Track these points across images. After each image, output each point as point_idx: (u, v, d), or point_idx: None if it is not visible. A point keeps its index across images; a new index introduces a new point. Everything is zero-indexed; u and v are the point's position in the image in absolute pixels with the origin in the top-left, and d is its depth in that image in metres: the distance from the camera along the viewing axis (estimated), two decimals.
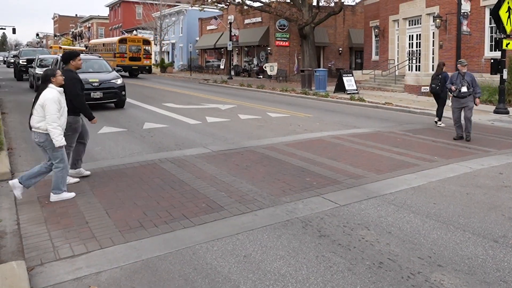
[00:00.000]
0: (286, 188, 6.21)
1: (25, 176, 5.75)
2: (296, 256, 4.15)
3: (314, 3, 30.59)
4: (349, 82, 21.21)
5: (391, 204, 5.58)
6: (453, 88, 9.96)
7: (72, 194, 5.87)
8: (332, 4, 31.59)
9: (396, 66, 24.75)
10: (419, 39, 24.20)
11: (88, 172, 6.89)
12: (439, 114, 12.07)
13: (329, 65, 35.22)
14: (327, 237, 4.57)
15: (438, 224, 4.92)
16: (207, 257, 4.16)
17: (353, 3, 35.50)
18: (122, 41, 35.45)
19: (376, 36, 28.96)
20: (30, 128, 5.87)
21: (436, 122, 12.13)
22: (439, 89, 11.62)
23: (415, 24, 24.66)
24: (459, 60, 10.54)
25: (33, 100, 5.84)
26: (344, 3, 31.95)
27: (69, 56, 7.06)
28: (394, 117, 13.73)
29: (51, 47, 40.13)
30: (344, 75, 21.63)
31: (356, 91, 20.93)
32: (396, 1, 25.70)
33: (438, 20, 21.72)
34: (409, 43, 25.21)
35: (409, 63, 25.01)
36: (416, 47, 24.61)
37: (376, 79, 25.42)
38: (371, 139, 9.76)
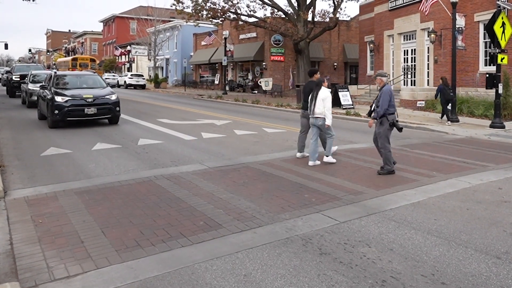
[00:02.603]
0: (284, 205, 6.18)
1: (327, 151, 9.08)
2: (297, 275, 4.11)
3: (309, 19, 30.93)
4: (344, 97, 21.35)
5: (392, 220, 5.57)
6: (371, 105, 8.60)
7: (334, 160, 8.97)
8: (327, 20, 31.98)
9: (392, 81, 24.96)
10: (414, 54, 24.49)
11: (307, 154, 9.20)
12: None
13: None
14: (328, 255, 4.54)
15: (440, 240, 4.90)
16: (206, 276, 4.11)
17: (348, 19, 35.94)
18: (74, 59, 44.31)
19: (371, 51, 29.27)
20: (312, 114, 8.90)
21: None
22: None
23: (410, 39, 24.97)
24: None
25: (310, 97, 8.97)
26: (339, 19, 32.34)
27: (314, 71, 9.94)
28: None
29: (74, 59, 42.41)
30: (339, 90, 21.77)
31: (352, 106, 21.05)
32: (391, 16, 26.06)
33: (432, 35, 22.02)
34: (404, 58, 25.50)
35: (404, 78, 25.26)
36: (411, 62, 24.88)
37: (372, 94, 25.59)
38: (368, 155, 9.78)
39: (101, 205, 6.21)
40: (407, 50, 25.27)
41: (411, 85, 24.45)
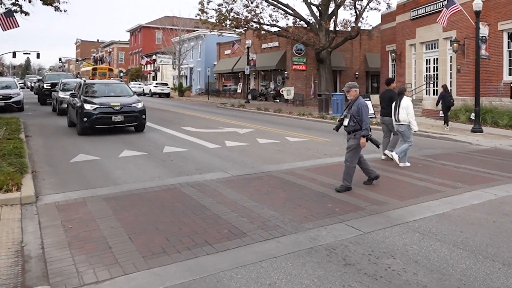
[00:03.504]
0: (308, 214, 6.14)
1: (399, 151, 9.49)
2: (321, 286, 4.06)
3: (331, 28, 30.85)
4: None
5: (416, 232, 5.46)
6: (338, 118, 7.87)
7: (408, 164, 9.44)
8: (349, 29, 31.85)
9: (414, 91, 24.65)
10: (437, 63, 24.14)
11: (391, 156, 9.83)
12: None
13: None
14: (353, 266, 4.48)
15: (466, 253, 4.79)
16: (231, 285, 4.10)
17: (370, 28, 35.69)
18: (94, 69, 46.17)
19: (392, 60, 28.97)
20: (397, 121, 9.61)
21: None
22: None
23: (432, 48, 24.64)
24: (346, 84, 8.02)
25: (394, 105, 9.67)
26: (361, 28, 32.17)
27: (391, 80, 10.60)
28: (414, 142, 13.56)
29: (94, 69, 44.10)
30: None
31: (374, 115, 20.82)
32: (413, 25, 25.78)
33: (455, 44, 21.66)
34: (426, 67, 25.15)
35: (426, 87, 24.89)
36: (434, 71, 24.53)
37: None
38: (391, 165, 9.64)
39: (128, 211, 6.28)
40: (429, 59, 24.93)
41: (433, 94, 24.06)
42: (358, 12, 30.96)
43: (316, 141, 13.54)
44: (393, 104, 9.75)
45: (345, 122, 7.63)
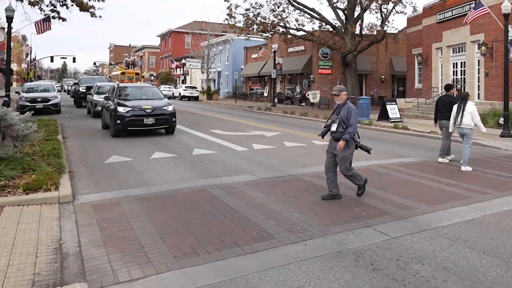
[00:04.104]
0: (335, 218, 6.08)
1: (464, 160, 9.57)
2: None
3: (357, 32, 30.53)
4: (392, 110, 20.85)
5: (445, 238, 5.34)
6: (324, 124, 7.30)
7: (470, 169, 9.48)
8: (375, 32, 31.45)
9: (440, 94, 24.13)
10: (464, 67, 23.61)
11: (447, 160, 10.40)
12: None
13: (372, 93, 34.83)
14: (381, 271, 4.41)
15: (497, 261, 4.65)
16: (260, 286, 4.10)
17: (396, 31, 35.16)
18: (123, 73, 47.94)
19: (419, 64, 28.49)
20: (460, 125, 9.76)
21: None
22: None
23: (459, 52, 24.12)
24: (334, 87, 7.40)
25: (457, 109, 9.78)
26: (387, 31, 31.72)
27: (451, 86, 11.28)
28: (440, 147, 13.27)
29: (123, 73, 45.27)
30: (387, 103, 21.30)
31: (400, 119, 20.51)
32: (439, 28, 25.30)
33: (483, 48, 21.15)
34: (453, 71, 24.62)
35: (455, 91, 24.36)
36: (461, 75, 23.98)
37: (420, 107, 24.85)
38: (418, 169, 9.47)
39: (160, 212, 6.36)
40: (457, 63, 24.40)
41: None
42: (384, 16, 30.54)
43: None
44: (455, 109, 9.86)
45: (333, 128, 7.03)
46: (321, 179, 8.38)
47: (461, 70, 23.96)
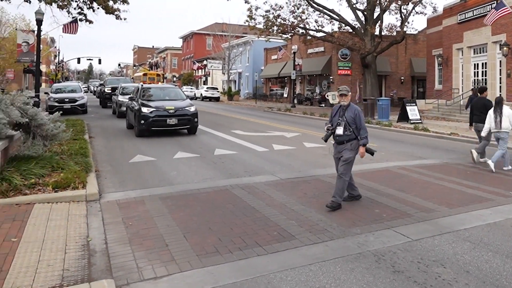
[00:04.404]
0: (355, 219, 6.03)
1: (494, 158, 9.43)
2: None
3: (377, 33, 30.20)
4: (412, 112, 20.54)
5: (467, 241, 5.24)
6: (325, 128, 6.89)
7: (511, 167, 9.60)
8: (394, 33, 31.06)
9: (461, 96, 23.69)
10: (485, 68, 23.10)
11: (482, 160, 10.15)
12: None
13: (391, 94, 34.38)
14: (402, 273, 4.35)
15: None
16: (281, 286, 4.10)
17: (415, 32, 34.62)
18: (145, 74, 47.70)
19: (439, 65, 28.02)
20: (500, 130, 9.65)
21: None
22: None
23: (480, 53, 23.61)
24: (338, 88, 7.12)
25: (494, 113, 9.71)
26: (406, 32, 31.27)
27: (484, 89, 11.20)
28: (461, 149, 13.05)
29: (145, 74, 45.94)
30: (407, 104, 20.99)
31: (420, 121, 20.19)
32: (460, 29, 24.81)
33: (505, 48, 20.65)
34: (474, 72, 24.12)
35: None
36: (482, 76, 23.47)
37: (440, 109, 24.43)
38: (439, 171, 9.31)
39: (183, 211, 6.41)
40: (478, 64, 23.89)
41: None
42: (403, 17, 30.13)
43: None
44: (492, 114, 9.82)
45: (339, 131, 6.61)
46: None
47: (482, 71, 23.46)
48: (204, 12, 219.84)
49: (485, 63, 23.06)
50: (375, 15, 30.14)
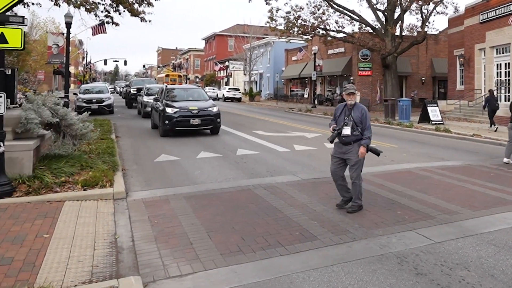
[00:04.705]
0: (377, 220, 5.95)
1: None
2: None
3: (397, 33, 29.74)
4: (433, 113, 20.16)
5: (491, 244, 5.11)
6: (330, 128, 6.47)
7: None
8: (415, 34, 30.54)
9: (483, 96, 23.11)
10: (508, 68, 22.50)
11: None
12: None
13: (412, 95, 33.82)
14: (425, 276, 4.28)
15: None
16: (304, 287, 4.08)
17: (437, 32, 33.95)
18: (167, 75, 48.73)
19: (460, 65, 27.42)
20: None
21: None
22: None
23: (503, 53, 23.00)
24: (344, 86, 6.81)
25: None
26: (427, 32, 30.70)
27: None
28: (484, 150, 12.75)
29: (167, 75, 46.59)
30: (428, 105, 20.62)
31: (441, 122, 19.81)
32: (482, 29, 24.22)
33: None
34: (497, 72, 23.51)
35: (497, 93, 23.27)
36: (505, 76, 22.87)
37: (462, 110, 23.91)
38: (461, 173, 9.11)
39: (206, 210, 6.44)
40: (500, 64, 23.28)
41: (505, 100, 22.43)
42: (424, 17, 29.59)
43: (383, 147, 13.07)
44: None
45: (346, 131, 6.25)
46: (363, 181, 8.20)
47: (506, 72, 22.85)
48: (226, 13, 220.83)
49: (508, 63, 22.46)
50: (396, 15, 29.70)
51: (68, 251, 4.77)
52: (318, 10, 31.05)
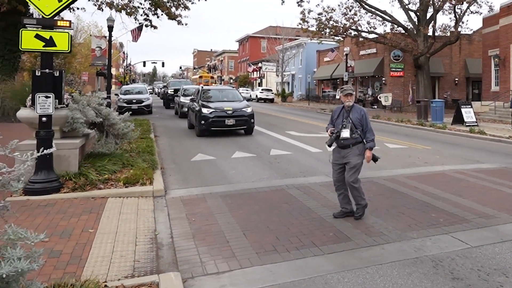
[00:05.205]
0: (411, 223, 5.80)
1: None
2: None
3: (430, 33, 28.89)
4: (467, 114, 19.46)
5: None
6: (328, 132, 6.06)
7: None
8: (448, 34, 29.59)
9: None
10: None
11: None
12: None
13: (445, 96, 32.77)
14: (461, 281, 4.13)
15: None
16: None
17: (470, 32, 32.77)
18: (200, 77, 50.24)
19: (495, 66, 26.38)
20: None
21: None
22: None
23: None
24: (341, 87, 6.34)
25: None
26: (461, 32, 29.67)
27: None
28: None
29: (200, 77, 47.43)
30: (462, 106, 19.92)
31: (476, 123, 19.10)
32: None
33: None
34: None
35: None
36: None
37: (497, 111, 22.98)
38: (497, 176, 8.75)
39: (242, 209, 6.45)
40: None
41: None
42: (457, 16, 28.63)
43: (415, 148, 12.77)
44: None
45: (345, 134, 5.85)
46: (396, 183, 8.06)
47: None
48: (259, 15, 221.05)
49: None
50: (428, 15, 28.89)
51: (112, 246, 4.89)
52: (350, 11, 30.64)
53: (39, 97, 6.64)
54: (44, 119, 6.72)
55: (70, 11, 24.73)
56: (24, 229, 2.85)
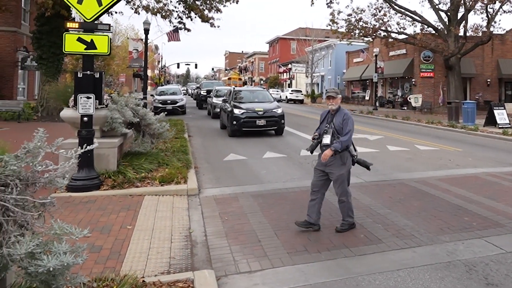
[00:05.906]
0: (443, 226, 5.62)
1: None
2: None
3: (461, 33, 27.91)
4: (500, 116, 18.71)
5: None
6: (312, 136, 5.68)
7: None
8: (480, 34, 28.50)
9: None
10: None
11: None
12: None
13: (476, 97, 31.61)
14: (496, 286, 3.97)
15: None
16: None
17: (503, 32, 31.43)
18: (229, 78, 52.39)
19: None
20: None
21: None
22: None
23: None
24: (326, 90, 5.70)
25: None
26: (493, 32, 28.51)
27: None
28: None
29: (229, 78, 47.88)
30: (495, 107, 19.18)
31: (509, 125, 18.33)
32: None
33: None
34: None
35: None
36: None
37: None
38: None
39: (273, 209, 6.43)
40: None
41: None
42: (490, 16, 27.52)
43: (447, 150, 12.37)
44: None
45: (326, 140, 5.36)
46: (427, 185, 7.84)
47: None
48: (289, 17, 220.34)
49: None
50: (459, 15, 27.94)
51: (149, 243, 4.97)
52: (379, 12, 30.03)
53: (81, 97, 6.83)
54: (85, 118, 6.91)
55: (109, 15, 25.37)
56: (69, 225, 2.92)
